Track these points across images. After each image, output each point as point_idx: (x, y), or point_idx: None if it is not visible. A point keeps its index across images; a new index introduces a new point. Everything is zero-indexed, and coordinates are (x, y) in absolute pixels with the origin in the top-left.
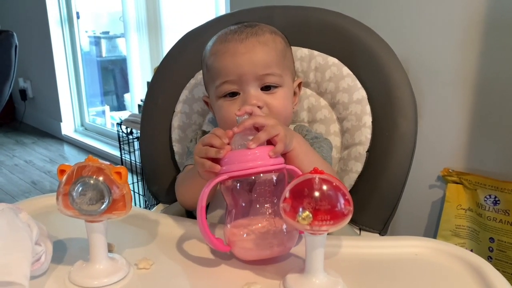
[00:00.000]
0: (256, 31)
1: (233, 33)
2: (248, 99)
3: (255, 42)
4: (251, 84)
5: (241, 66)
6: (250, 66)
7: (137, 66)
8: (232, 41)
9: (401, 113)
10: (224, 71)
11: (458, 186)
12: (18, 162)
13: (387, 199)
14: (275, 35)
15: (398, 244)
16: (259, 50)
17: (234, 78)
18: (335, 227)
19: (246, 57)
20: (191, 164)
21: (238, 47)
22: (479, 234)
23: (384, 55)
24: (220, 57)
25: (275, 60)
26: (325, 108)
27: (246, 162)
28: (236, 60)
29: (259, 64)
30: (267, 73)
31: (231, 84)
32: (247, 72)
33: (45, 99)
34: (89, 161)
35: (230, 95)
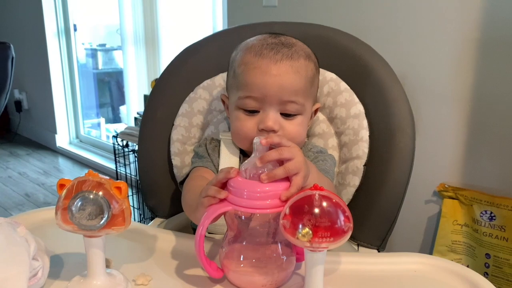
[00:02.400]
0: (292, 55)
1: (270, 50)
2: (265, 119)
3: (288, 67)
4: (273, 107)
5: (268, 87)
6: (277, 90)
7: (133, 78)
8: (266, 58)
9: (399, 128)
10: (250, 86)
11: (454, 201)
12: (11, 174)
13: (385, 215)
14: (309, 61)
15: (397, 261)
16: (290, 76)
17: (258, 96)
18: (335, 244)
19: (276, 80)
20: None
21: (272, 67)
22: (475, 250)
23: (381, 71)
24: (250, 70)
25: (303, 89)
26: (323, 123)
27: (255, 200)
28: (265, 80)
29: (286, 90)
30: (291, 100)
31: (253, 101)
32: (273, 95)
33: (40, 110)
34: (89, 176)
35: (250, 111)
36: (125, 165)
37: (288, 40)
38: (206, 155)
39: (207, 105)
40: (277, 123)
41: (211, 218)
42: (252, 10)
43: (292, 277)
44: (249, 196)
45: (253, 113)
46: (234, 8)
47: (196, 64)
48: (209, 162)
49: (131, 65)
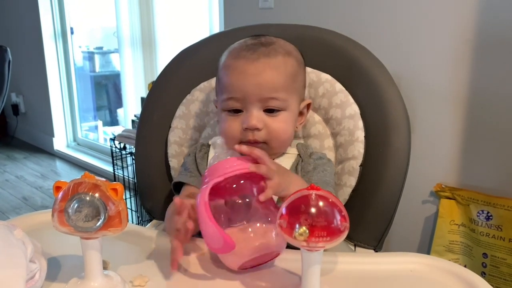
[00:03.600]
0: (269, 52)
1: (247, 50)
2: (249, 118)
3: (265, 65)
4: (255, 105)
5: (247, 87)
6: (256, 88)
7: (130, 81)
8: (243, 58)
9: (394, 129)
10: (230, 88)
11: (451, 201)
12: (9, 178)
13: (381, 216)
14: (288, 57)
15: (393, 261)
16: (268, 74)
17: (239, 96)
18: (332, 243)
19: (253, 79)
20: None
21: (248, 67)
22: (472, 250)
23: (376, 72)
24: (229, 73)
25: (283, 85)
26: (319, 124)
27: (227, 168)
28: (243, 80)
29: (265, 87)
30: (271, 97)
31: (235, 102)
32: (252, 93)
33: (38, 114)
34: (85, 178)
35: (234, 111)
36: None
37: (268, 39)
38: (192, 168)
39: (203, 107)
40: (260, 121)
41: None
42: (248, 12)
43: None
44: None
45: (237, 113)
46: (230, 10)
47: (192, 66)
48: (193, 177)
49: (128, 68)
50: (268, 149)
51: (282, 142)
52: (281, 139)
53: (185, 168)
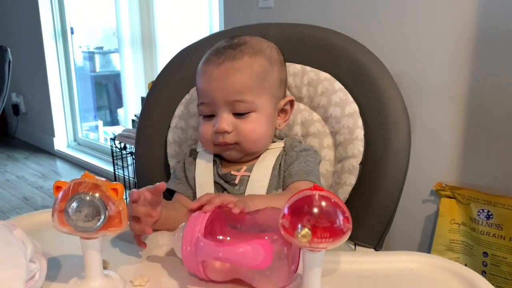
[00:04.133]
0: (235, 55)
1: (214, 54)
2: (218, 122)
3: (229, 68)
4: (223, 109)
5: (213, 91)
6: (221, 92)
7: (131, 81)
8: (211, 63)
9: (394, 128)
10: (201, 93)
11: (452, 200)
12: (9, 178)
13: (381, 215)
14: (256, 57)
15: (393, 260)
16: (231, 77)
17: (208, 101)
18: (334, 244)
19: (218, 83)
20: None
21: (214, 71)
22: (473, 249)
23: (376, 71)
24: (200, 78)
25: (249, 86)
26: (318, 122)
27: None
28: (210, 85)
29: (229, 90)
30: (237, 100)
31: (206, 107)
32: (218, 98)
33: (38, 114)
34: (85, 178)
35: (207, 116)
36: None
37: (240, 40)
38: (180, 175)
39: None
40: (230, 124)
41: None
42: (248, 12)
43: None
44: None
45: (210, 118)
46: (230, 10)
47: (191, 66)
48: (181, 184)
49: (128, 68)
50: (241, 150)
51: (254, 142)
52: (252, 140)
53: (174, 175)
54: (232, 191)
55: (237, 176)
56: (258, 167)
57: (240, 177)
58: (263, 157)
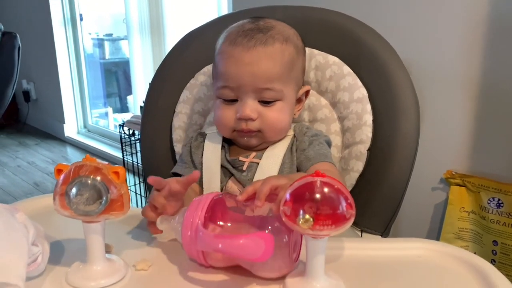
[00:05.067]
0: (266, 39)
1: (243, 37)
2: (242, 108)
3: (261, 53)
4: (249, 95)
5: (241, 77)
6: (251, 78)
7: (140, 68)
8: (239, 45)
9: (403, 114)
10: (225, 76)
11: (461, 188)
12: (21, 164)
13: (389, 201)
14: (287, 44)
15: (400, 246)
16: (264, 63)
17: (233, 86)
18: (337, 231)
19: (248, 68)
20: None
21: (244, 55)
22: (482, 237)
23: (386, 55)
24: (225, 60)
25: (279, 75)
26: (325, 108)
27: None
28: (238, 69)
29: (260, 77)
30: (266, 87)
31: (230, 91)
32: (247, 84)
33: (48, 100)
34: (86, 161)
35: (229, 100)
36: (131, 153)
37: (267, 23)
38: (187, 159)
39: (208, 91)
40: (254, 111)
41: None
42: None
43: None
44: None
45: (232, 102)
46: None
47: (197, 50)
48: (189, 168)
49: (137, 54)
50: (263, 138)
51: (277, 131)
52: (276, 129)
53: (180, 160)
54: (239, 177)
55: (245, 162)
56: (268, 155)
57: (248, 164)
58: (274, 145)
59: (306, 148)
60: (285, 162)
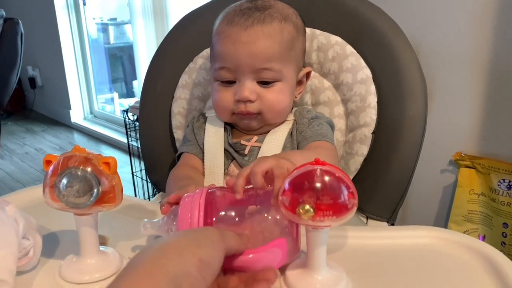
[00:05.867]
0: (264, 18)
1: (241, 16)
2: (240, 90)
3: (259, 32)
4: (247, 76)
5: (239, 57)
6: (249, 58)
7: (144, 52)
8: (237, 25)
9: (410, 95)
10: (223, 57)
11: (471, 170)
12: (28, 150)
13: (395, 186)
14: (285, 23)
15: (406, 235)
16: (261, 42)
17: (231, 66)
18: (338, 221)
19: (246, 48)
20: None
21: (241, 34)
22: (492, 220)
23: (391, 34)
24: (222, 40)
25: (278, 54)
26: (328, 90)
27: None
28: (235, 49)
29: (258, 57)
30: (265, 68)
31: (227, 72)
32: (245, 64)
33: (54, 87)
34: (76, 151)
35: (226, 82)
36: (137, 139)
37: (265, 2)
38: (191, 138)
39: (207, 75)
40: (253, 93)
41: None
42: None
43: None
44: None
45: (230, 84)
46: None
47: (195, 33)
48: (193, 145)
49: (140, 39)
50: (263, 120)
51: (277, 113)
52: (276, 110)
53: (185, 139)
54: (241, 161)
55: (247, 146)
56: (270, 139)
57: (250, 148)
58: (275, 129)
59: (305, 129)
60: (286, 146)
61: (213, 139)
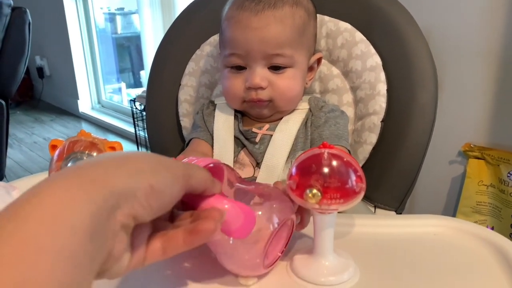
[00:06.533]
0: (275, 3)
1: (251, 1)
2: (251, 76)
3: (270, 17)
4: (258, 62)
5: (250, 43)
6: (260, 44)
7: (151, 42)
8: (247, 10)
9: (420, 83)
10: (233, 43)
11: (480, 161)
12: (37, 140)
13: (404, 175)
14: (297, 8)
15: (415, 223)
16: (273, 27)
17: (241, 53)
18: (346, 205)
19: (257, 33)
20: (196, 137)
21: (252, 20)
22: (501, 211)
23: (401, 21)
24: (232, 26)
25: (289, 39)
26: (337, 77)
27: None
28: (246, 35)
29: (269, 43)
30: (276, 53)
31: (238, 58)
32: (256, 50)
33: (62, 76)
34: (81, 136)
35: (237, 68)
36: (144, 129)
37: None
38: (201, 124)
39: (214, 62)
40: (264, 80)
41: None
42: None
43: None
44: None
45: (240, 71)
46: None
47: (202, 20)
48: (203, 131)
49: (148, 29)
50: (274, 107)
51: (289, 100)
52: (287, 97)
53: (195, 125)
54: (251, 148)
55: (258, 134)
56: (282, 129)
57: (262, 136)
58: (287, 118)
59: (321, 125)
60: (299, 137)
61: (223, 126)
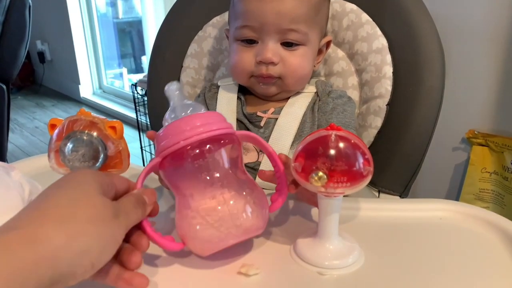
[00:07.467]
0: None
1: None
2: (263, 51)
3: None
4: (272, 36)
5: (265, 15)
6: (275, 17)
7: (152, 27)
8: None
9: (427, 66)
10: (246, 15)
11: (484, 148)
12: (38, 125)
13: (409, 160)
14: None
15: (421, 208)
16: (290, 1)
17: (255, 25)
18: (352, 189)
19: (273, 6)
20: None
21: None
22: (504, 198)
23: (409, 2)
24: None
25: (305, 16)
26: (342, 60)
27: (187, 131)
28: (261, 7)
29: (285, 16)
30: (291, 28)
31: (250, 31)
32: (270, 23)
33: (63, 61)
34: (81, 115)
35: (248, 41)
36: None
37: None
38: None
39: (217, 44)
40: (276, 55)
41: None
42: None
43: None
44: (182, 129)
45: (251, 44)
46: None
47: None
48: None
49: (149, 13)
50: (282, 86)
51: (299, 79)
52: (298, 76)
53: None
54: (256, 132)
55: (263, 118)
56: (287, 112)
57: (266, 120)
58: (293, 101)
59: (328, 112)
60: (305, 121)
61: (225, 109)
